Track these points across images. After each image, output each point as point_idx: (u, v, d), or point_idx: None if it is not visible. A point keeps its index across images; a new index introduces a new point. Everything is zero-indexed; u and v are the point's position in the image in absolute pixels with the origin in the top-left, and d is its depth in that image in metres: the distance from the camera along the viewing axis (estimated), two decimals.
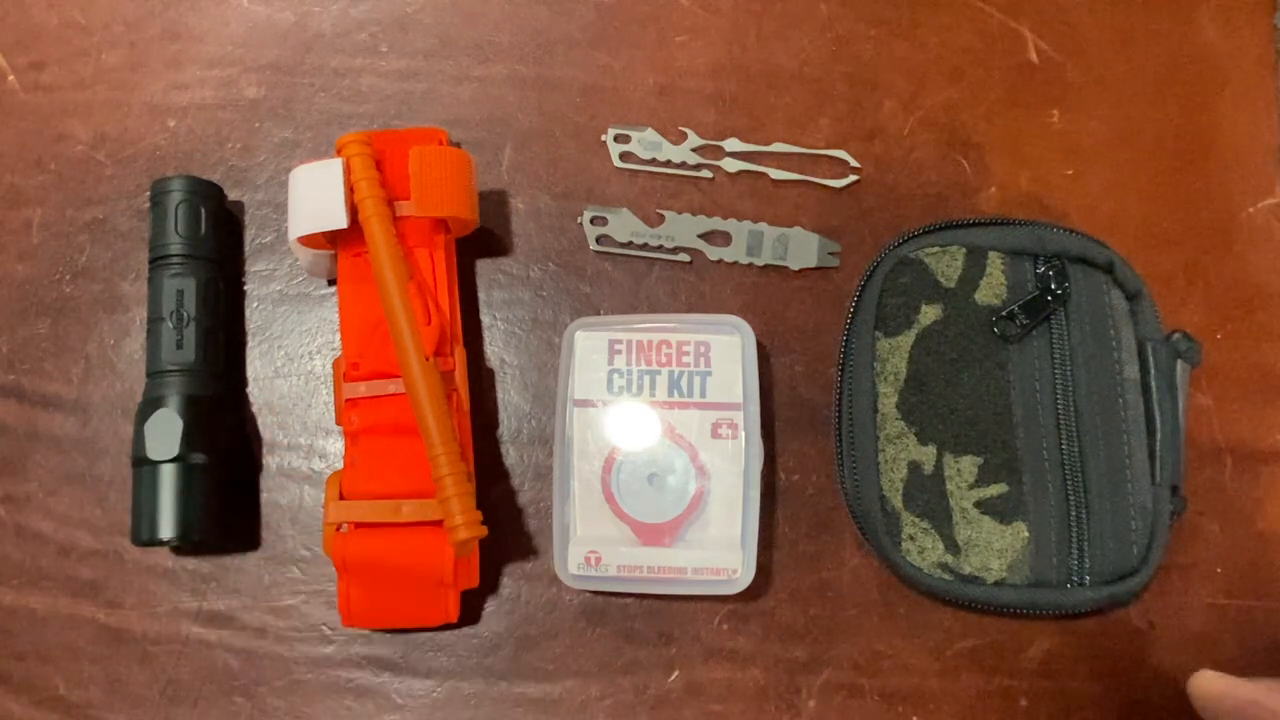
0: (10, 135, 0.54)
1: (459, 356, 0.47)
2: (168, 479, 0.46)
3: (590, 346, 0.49)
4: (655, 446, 0.48)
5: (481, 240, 0.52)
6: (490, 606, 0.49)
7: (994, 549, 0.47)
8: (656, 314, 0.51)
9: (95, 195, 0.53)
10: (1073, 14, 0.55)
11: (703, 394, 0.48)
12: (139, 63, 0.54)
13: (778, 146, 0.53)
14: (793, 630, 0.49)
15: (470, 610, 0.49)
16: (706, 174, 0.53)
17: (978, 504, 0.47)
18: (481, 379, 0.52)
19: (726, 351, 0.49)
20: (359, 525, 0.45)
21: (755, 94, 0.54)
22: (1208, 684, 0.42)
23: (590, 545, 0.47)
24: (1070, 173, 0.54)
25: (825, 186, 0.53)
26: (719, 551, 0.47)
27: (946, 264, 0.49)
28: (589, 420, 0.48)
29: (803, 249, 0.52)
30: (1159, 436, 0.48)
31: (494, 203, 0.53)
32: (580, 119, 0.54)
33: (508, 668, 0.49)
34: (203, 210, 0.49)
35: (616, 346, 0.49)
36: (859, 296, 0.49)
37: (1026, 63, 0.55)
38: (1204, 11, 0.56)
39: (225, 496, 0.48)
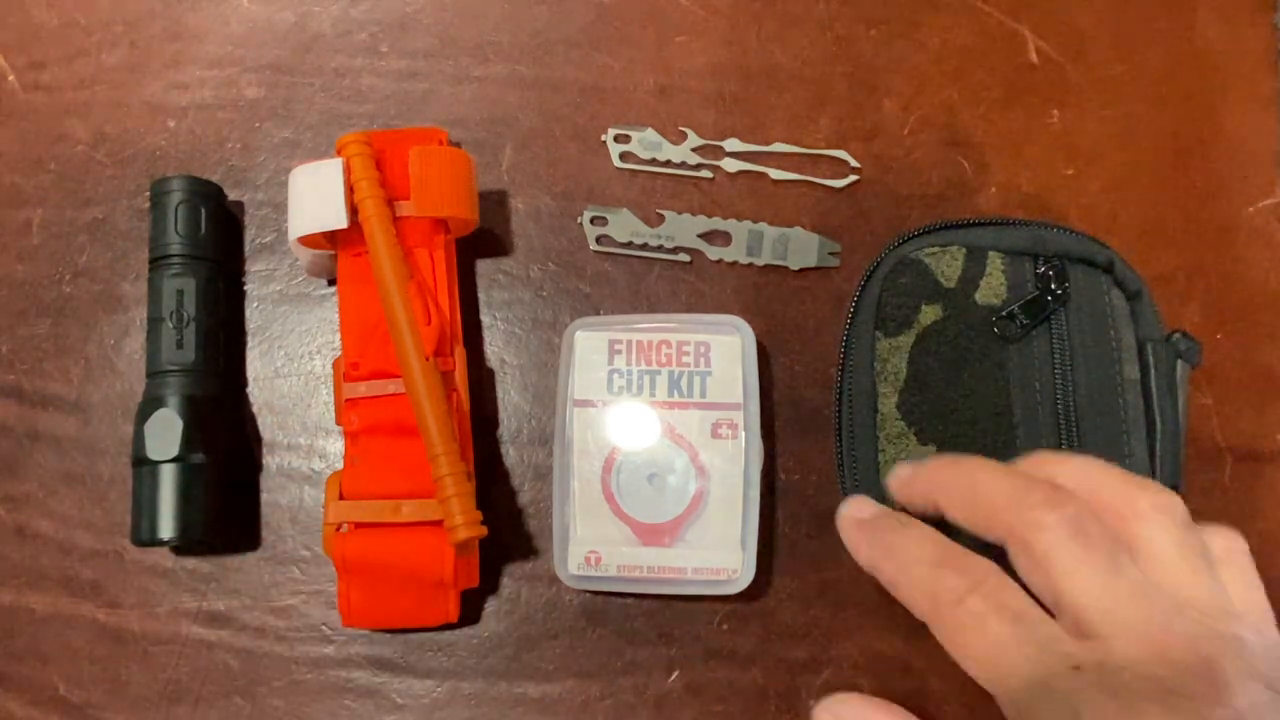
0: (10, 135, 0.54)
1: (459, 356, 0.47)
2: (168, 479, 0.46)
3: (590, 346, 0.49)
4: (655, 446, 0.48)
5: (481, 240, 0.52)
6: (490, 606, 0.49)
7: None
8: (656, 314, 0.51)
9: (95, 195, 0.53)
10: (1073, 14, 0.55)
11: (703, 394, 0.48)
12: (139, 63, 0.54)
13: (778, 146, 0.53)
14: (793, 630, 0.49)
15: (470, 610, 0.49)
16: (706, 174, 0.53)
17: None
18: (481, 379, 0.51)
19: (726, 351, 0.49)
20: (359, 525, 0.45)
21: (755, 94, 0.54)
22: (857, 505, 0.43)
23: (590, 545, 0.47)
24: (1070, 173, 0.54)
25: (825, 186, 0.53)
26: (719, 551, 0.47)
27: (946, 264, 0.49)
28: (589, 420, 0.48)
29: (803, 249, 0.52)
30: (1159, 436, 0.48)
31: (494, 203, 0.53)
32: (580, 119, 0.54)
33: (508, 668, 0.49)
34: (203, 210, 0.49)
35: (616, 346, 0.49)
36: (859, 296, 0.49)
37: (1026, 63, 0.55)
38: (1204, 11, 0.56)
39: (225, 496, 0.48)
